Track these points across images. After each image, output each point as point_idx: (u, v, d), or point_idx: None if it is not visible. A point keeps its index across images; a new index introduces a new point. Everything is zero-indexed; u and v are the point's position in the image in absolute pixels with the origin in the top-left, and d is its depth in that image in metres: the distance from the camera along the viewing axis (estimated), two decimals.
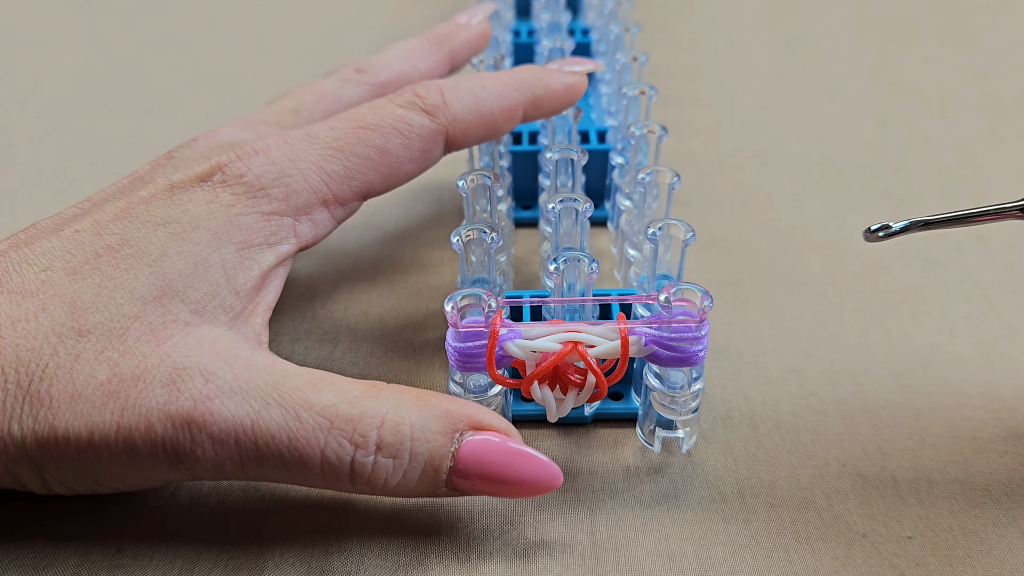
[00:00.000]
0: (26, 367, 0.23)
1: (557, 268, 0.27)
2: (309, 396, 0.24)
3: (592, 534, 0.26)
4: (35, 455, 0.24)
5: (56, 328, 0.24)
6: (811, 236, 0.38)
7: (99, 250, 0.25)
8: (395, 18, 0.56)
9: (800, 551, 0.25)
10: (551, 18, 0.43)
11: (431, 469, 0.24)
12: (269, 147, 0.28)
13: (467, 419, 0.25)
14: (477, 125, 0.30)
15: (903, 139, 0.44)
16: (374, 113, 0.29)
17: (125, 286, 0.25)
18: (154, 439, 0.23)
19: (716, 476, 0.28)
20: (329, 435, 0.24)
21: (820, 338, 0.33)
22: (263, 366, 0.25)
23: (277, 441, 0.24)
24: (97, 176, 0.42)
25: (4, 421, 0.23)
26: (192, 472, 0.24)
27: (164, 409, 0.23)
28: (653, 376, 0.27)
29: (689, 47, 0.53)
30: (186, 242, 0.26)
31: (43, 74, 0.51)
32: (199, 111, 0.47)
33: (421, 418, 0.24)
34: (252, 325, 0.27)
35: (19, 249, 0.26)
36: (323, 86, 0.33)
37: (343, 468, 0.24)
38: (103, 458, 0.24)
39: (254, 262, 0.27)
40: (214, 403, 0.24)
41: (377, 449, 0.24)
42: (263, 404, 0.24)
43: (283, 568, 0.25)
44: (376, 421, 0.24)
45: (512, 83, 0.31)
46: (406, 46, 0.36)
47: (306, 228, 0.28)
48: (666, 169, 0.31)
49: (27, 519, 0.26)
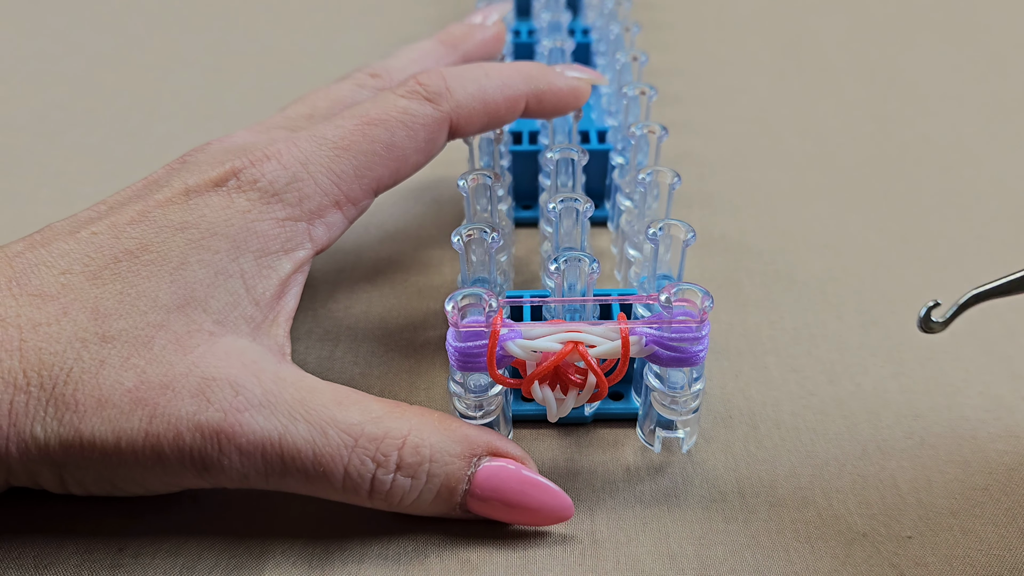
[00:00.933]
0: (49, 370, 0.24)
1: (557, 268, 0.27)
2: (335, 413, 0.24)
3: (592, 534, 0.26)
4: (57, 457, 0.24)
5: (79, 333, 0.24)
6: (811, 236, 0.38)
7: (118, 254, 0.26)
8: (406, 20, 0.56)
9: (800, 551, 0.25)
10: (551, 18, 0.43)
11: (446, 491, 0.25)
12: (280, 151, 0.28)
13: (486, 445, 0.25)
14: (480, 112, 0.30)
15: (903, 139, 0.44)
16: (377, 107, 0.29)
17: (148, 294, 0.25)
18: (182, 448, 0.24)
19: (716, 476, 0.28)
20: (353, 452, 0.24)
21: (820, 338, 0.33)
22: (290, 381, 0.25)
23: (303, 456, 0.24)
24: (108, 180, 0.42)
25: (27, 423, 0.23)
26: (216, 481, 0.24)
27: (193, 419, 0.24)
28: (653, 376, 0.27)
29: (689, 47, 0.53)
30: (205, 250, 0.26)
31: (48, 78, 0.51)
32: (208, 115, 0.47)
33: (441, 441, 0.25)
34: (275, 336, 0.27)
35: (35, 250, 0.26)
36: (337, 91, 0.33)
37: (363, 485, 0.24)
38: (128, 463, 0.24)
39: (272, 270, 0.27)
40: (243, 416, 0.24)
41: (397, 468, 0.24)
42: (290, 419, 0.24)
43: (283, 568, 0.25)
44: (398, 442, 0.24)
45: (516, 74, 0.31)
46: (419, 49, 0.36)
47: (320, 231, 0.28)
48: (666, 169, 0.31)
49: (29, 518, 0.26)
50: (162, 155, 0.42)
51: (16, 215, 0.39)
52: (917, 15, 0.56)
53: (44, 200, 0.40)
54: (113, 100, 0.48)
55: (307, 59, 0.52)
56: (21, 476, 0.24)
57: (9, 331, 0.24)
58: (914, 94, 0.48)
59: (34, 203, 0.40)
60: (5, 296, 0.24)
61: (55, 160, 0.43)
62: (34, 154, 0.44)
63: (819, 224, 0.38)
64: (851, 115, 0.46)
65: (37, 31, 0.55)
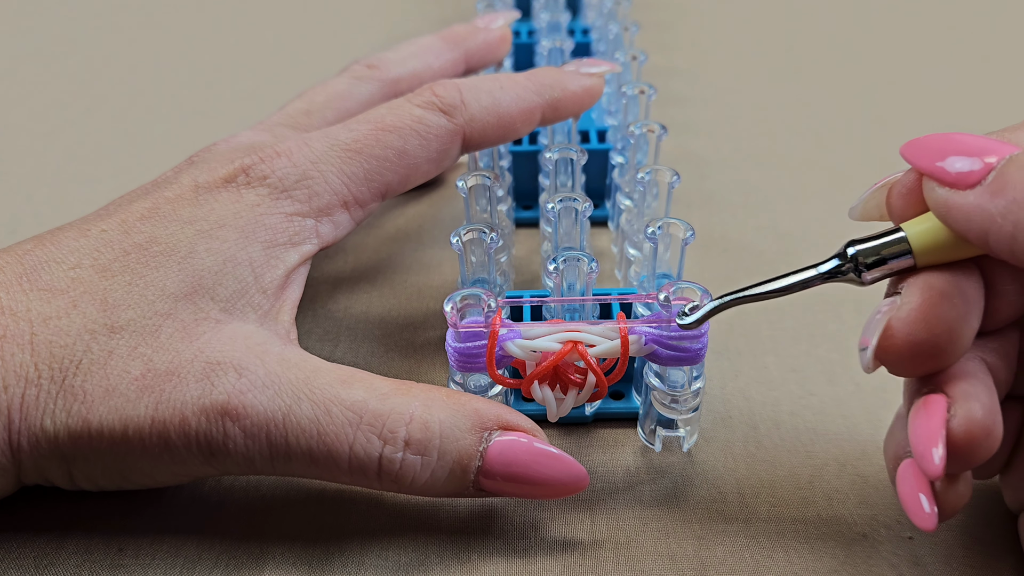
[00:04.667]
0: (60, 363, 0.24)
1: (556, 268, 0.27)
2: (339, 392, 0.24)
3: (592, 534, 0.26)
4: (67, 450, 0.24)
5: (88, 325, 0.24)
6: (811, 236, 0.38)
7: (127, 248, 0.26)
8: (406, 20, 0.56)
9: (800, 551, 0.25)
10: (551, 18, 0.44)
11: (459, 468, 0.24)
12: (291, 149, 0.28)
13: (496, 418, 0.25)
14: (495, 126, 0.30)
15: (903, 139, 0.44)
16: (392, 114, 0.29)
17: (156, 284, 0.25)
18: (188, 432, 0.24)
19: (716, 476, 0.28)
20: (358, 430, 0.24)
21: (820, 338, 0.33)
22: (295, 362, 0.25)
23: (307, 435, 0.24)
24: (108, 180, 0.42)
25: (37, 416, 0.23)
26: (223, 467, 0.24)
27: (198, 403, 0.24)
28: (653, 375, 0.27)
29: (688, 47, 0.53)
30: (214, 239, 0.26)
31: (48, 78, 0.51)
32: (208, 115, 0.47)
33: (450, 416, 0.24)
34: (281, 323, 0.27)
35: (45, 247, 0.26)
36: (335, 86, 0.34)
37: (371, 464, 0.24)
38: (136, 452, 0.24)
39: (279, 261, 0.27)
40: (247, 397, 0.24)
41: (406, 446, 0.24)
42: (294, 399, 0.24)
43: (283, 568, 0.25)
44: (405, 417, 0.24)
45: (531, 85, 0.31)
46: (421, 43, 0.36)
47: (327, 229, 0.28)
48: (665, 168, 0.31)
49: (29, 518, 0.26)
50: (162, 155, 0.42)
51: (16, 215, 0.39)
52: (917, 15, 0.56)
53: (44, 200, 0.40)
54: (113, 100, 0.48)
55: (307, 59, 0.52)
56: (31, 472, 0.24)
57: (20, 325, 0.24)
58: (914, 94, 0.48)
59: (34, 203, 0.40)
60: (16, 291, 0.25)
61: (55, 160, 0.43)
62: (34, 154, 0.44)
63: (819, 224, 0.38)
64: (851, 115, 0.46)
65: (37, 31, 0.55)
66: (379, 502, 0.27)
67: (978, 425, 0.21)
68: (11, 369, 0.23)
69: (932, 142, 0.23)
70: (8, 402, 0.23)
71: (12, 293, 0.24)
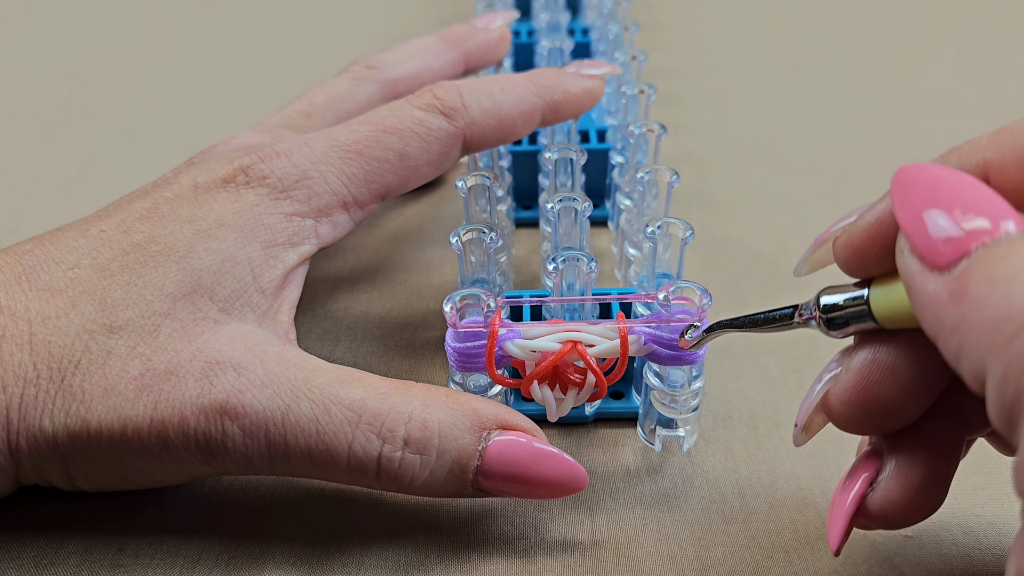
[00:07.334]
0: (58, 363, 0.24)
1: (556, 268, 0.27)
2: (338, 391, 0.24)
3: (592, 534, 0.26)
4: (65, 450, 0.24)
5: (87, 325, 0.24)
6: (811, 236, 0.37)
7: (126, 248, 0.26)
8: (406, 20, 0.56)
9: (800, 551, 0.25)
10: (550, 18, 0.44)
11: (458, 468, 0.24)
12: (291, 149, 0.28)
13: (495, 418, 0.25)
14: (495, 128, 0.30)
15: (903, 139, 0.44)
16: (393, 116, 0.29)
17: (154, 283, 0.25)
18: (187, 431, 0.24)
19: (716, 476, 0.28)
20: (357, 429, 0.24)
21: (820, 338, 0.32)
22: (293, 361, 0.25)
23: (306, 434, 0.24)
24: (108, 180, 0.42)
25: (36, 416, 0.24)
26: (221, 466, 0.24)
27: (197, 402, 0.24)
28: (653, 375, 0.27)
29: (689, 47, 0.53)
30: (213, 239, 0.26)
31: (48, 77, 0.51)
32: (208, 115, 0.47)
33: (449, 416, 0.24)
34: (280, 323, 0.27)
35: (44, 247, 0.26)
36: (334, 87, 0.33)
37: (370, 463, 0.24)
38: (135, 452, 0.24)
39: (278, 261, 0.27)
40: (246, 396, 0.24)
41: (405, 445, 0.24)
42: (293, 398, 0.24)
43: (283, 568, 0.25)
44: (404, 416, 0.24)
45: (531, 87, 0.31)
46: (419, 43, 0.36)
47: (326, 229, 0.28)
48: (665, 168, 0.31)
49: (29, 518, 0.26)
50: (162, 155, 0.42)
51: (16, 215, 0.39)
52: (917, 15, 0.56)
53: (44, 200, 0.40)
54: (114, 101, 0.48)
55: (307, 59, 0.52)
56: (30, 472, 0.24)
57: (19, 325, 0.24)
58: (914, 94, 0.48)
59: (34, 203, 0.40)
60: (15, 291, 0.25)
61: (55, 160, 0.43)
62: (34, 154, 0.44)
63: (819, 224, 0.38)
64: (850, 115, 0.46)
65: (37, 31, 0.55)
66: (379, 502, 0.27)
67: (894, 506, 0.21)
68: (10, 369, 0.23)
69: (923, 178, 0.19)
70: (7, 402, 0.23)
71: (11, 293, 0.24)
